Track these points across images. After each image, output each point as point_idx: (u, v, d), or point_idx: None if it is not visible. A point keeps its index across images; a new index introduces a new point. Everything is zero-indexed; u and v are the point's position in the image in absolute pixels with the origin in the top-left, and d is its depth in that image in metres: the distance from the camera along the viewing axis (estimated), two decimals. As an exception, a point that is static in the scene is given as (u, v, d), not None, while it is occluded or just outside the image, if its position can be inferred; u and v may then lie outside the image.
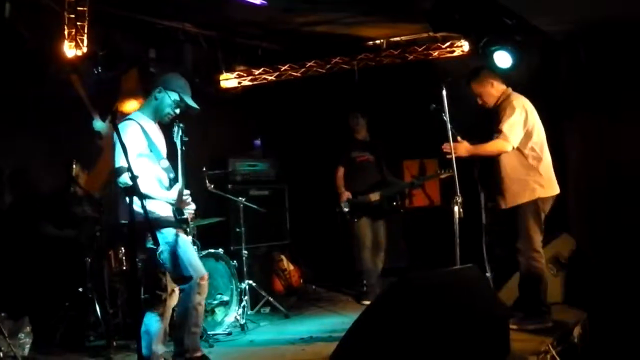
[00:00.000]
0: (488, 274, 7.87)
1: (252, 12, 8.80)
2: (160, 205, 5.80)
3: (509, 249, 7.20)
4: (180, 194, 5.79)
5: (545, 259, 7.27)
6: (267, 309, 8.67)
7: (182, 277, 5.78)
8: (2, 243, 7.68)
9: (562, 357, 6.17)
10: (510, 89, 7.31)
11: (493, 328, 5.49)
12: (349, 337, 5.22)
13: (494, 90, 7.29)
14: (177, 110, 6.00)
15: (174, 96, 5.95)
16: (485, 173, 7.31)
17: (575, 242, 8.21)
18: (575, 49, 9.37)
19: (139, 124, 5.83)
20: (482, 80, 7.33)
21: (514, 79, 8.77)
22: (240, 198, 8.48)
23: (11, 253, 7.68)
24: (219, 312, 7.76)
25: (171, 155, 5.97)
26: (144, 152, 5.78)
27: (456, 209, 6.65)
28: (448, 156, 6.95)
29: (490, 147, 7.02)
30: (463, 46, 9.36)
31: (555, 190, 7.16)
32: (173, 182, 5.87)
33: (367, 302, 8.80)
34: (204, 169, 7.91)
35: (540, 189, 7.00)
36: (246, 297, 8.11)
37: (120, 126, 5.68)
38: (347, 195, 9.12)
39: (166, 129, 6.13)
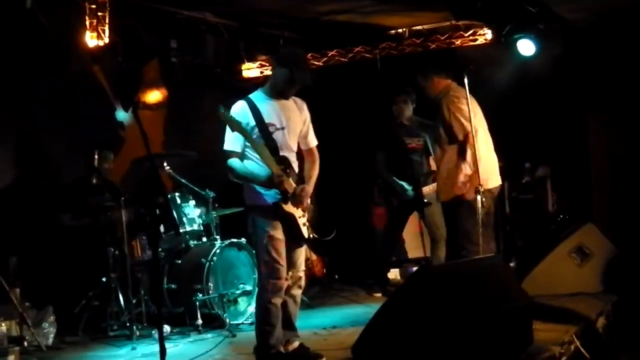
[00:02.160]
0: (511, 264, 7.85)
1: (273, 1, 8.79)
2: (252, 191, 5.70)
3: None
4: (271, 175, 5.57)
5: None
6: (290, 299, 8.66)
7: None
8: (26, 233, 7.73)
9: (585, 348, 6.12)
10: (454, 84, 7.30)
11: (515, 318, 5.45)
12: (371, 328, 5.22)
13: (435, 84, 7.36)
14: (293, 87, 5.75)
15: (286, 72, 5.69)
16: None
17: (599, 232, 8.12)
18: (599, 37, 9.29)
19: (249, 103, 5.67)
20: (424, 77, 7.46)
21: (537, 68, 8.74)
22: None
23: (35, 243, 7.73)
24: (242, 301, 7.76)
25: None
26: (250, 133, 5.59)
27: (479, 198, 6.61)
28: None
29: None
30: (486, 34, 9.31)
31: (489, 184, 7.08)
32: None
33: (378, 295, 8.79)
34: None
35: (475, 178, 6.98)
36: (269, 287, 8.10)
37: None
38: None
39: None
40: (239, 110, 5.66)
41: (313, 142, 6.03)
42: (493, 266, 5.75)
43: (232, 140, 5.63)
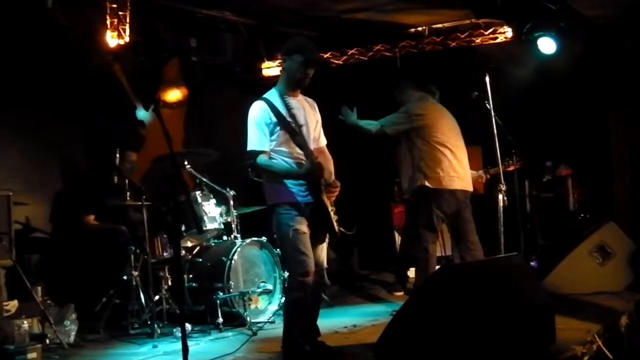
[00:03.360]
0: (532, 263, 7.81)
1: (292, -1, 8.81)
2: (275, 189, 5.70)
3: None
4: (312, 165, 5.59)
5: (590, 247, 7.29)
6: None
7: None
8: (48, 231, 7.76)
9: (608, 347, 6.09)
10: (427, 96, 7.66)
11: (537, 317, 5.43)
12: (393, 326, 5.21)
13: (411, 97, 7.65)
14: (310, 71, 5.70)
15: (299, 58, 5.65)
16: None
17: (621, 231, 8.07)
18: (620, 35, 9.24)
19: (267, 102, 5.64)
20: (401, 90, 7.70)
21: (557, 66, 8.68)
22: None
23: (57, 241, 7.77)
24: (263, 300, 7.77)
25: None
26: (272, 131, 5.61)
27: (500, 197, 6.60)
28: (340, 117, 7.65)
29: (366, 124, 7.68)
30: (506, 32, 9.28)
31: (448, 185, 7.36)
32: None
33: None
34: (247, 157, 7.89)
35: (424, 179, 7.37)
36: (289, 285, 8.10)
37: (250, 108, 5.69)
38: None
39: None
40: (260, 110, 5.63)
41: (324, 141, 6.04)
42: (514, 265, 5.73)
43: (258, 140, 5.59)
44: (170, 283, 7.61)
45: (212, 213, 7.84)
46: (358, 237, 9.90)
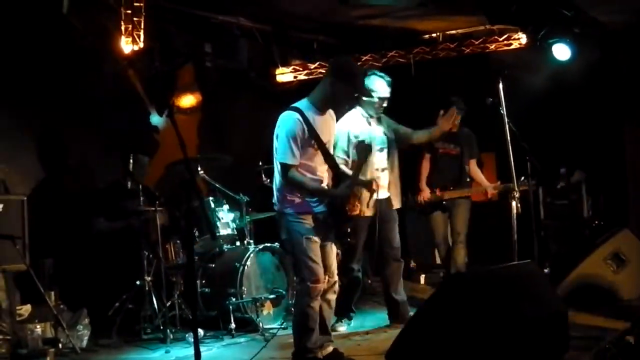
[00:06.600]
0: (545, 270, 7.77)
1: (307, 5, 8.79)
2: (293, 198, 5.65)
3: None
4: (345, 195, 5.61)
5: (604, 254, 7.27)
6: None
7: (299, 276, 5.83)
8: (62, 236, 7.79)
9: (621, 355, 6.04)
10: None
11: (551, 325, 5.40)
12: (406, 333, 5.18)
13: None
14: (353, 102, 5.73)
15: (351, 87, 5.66)
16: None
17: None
18: (636, 41, 9.19)
19: (301, 115, 5.54)
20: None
21: (572, 73, 8.65)
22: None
23: (71, 246, 7.79)
24: (275, 306, 7.77)
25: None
26: (303, 145, 5.55)
27: (514, 204, 6.58)
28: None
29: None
30: (520, 39, 9.24)
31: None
32: (343, 177, 5.67)
33: None
34: (260, 163, 7.90)
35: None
36: (301, 291, 8.09)
37: (281, 117, 5.63)
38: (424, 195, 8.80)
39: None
40: (295, 122, 5.54)
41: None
42: (528, 272, 5.70)
43: (291, 153, 5.52)
44: (182, 288, 7.62)
45: (225, 219, 7.85)
46: (371, 242, 9.92)
